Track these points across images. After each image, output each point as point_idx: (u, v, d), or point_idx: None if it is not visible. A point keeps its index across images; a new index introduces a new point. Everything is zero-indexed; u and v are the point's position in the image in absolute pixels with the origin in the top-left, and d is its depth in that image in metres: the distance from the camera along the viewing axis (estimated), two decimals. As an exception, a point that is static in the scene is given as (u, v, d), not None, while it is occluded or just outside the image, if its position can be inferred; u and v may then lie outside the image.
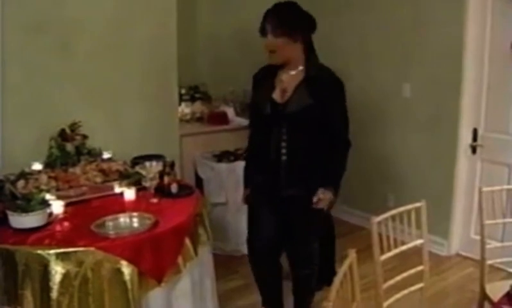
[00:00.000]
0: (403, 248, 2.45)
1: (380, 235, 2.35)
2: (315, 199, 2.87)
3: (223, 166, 4.41)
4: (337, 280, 1.72)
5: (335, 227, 3.93)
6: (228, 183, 4.36)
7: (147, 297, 2.29)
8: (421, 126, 4.56)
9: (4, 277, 2.15)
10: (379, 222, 2.33)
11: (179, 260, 2.39)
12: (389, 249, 2.39)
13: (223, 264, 3.70)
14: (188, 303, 2.52)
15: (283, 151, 2.91)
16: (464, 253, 4.46)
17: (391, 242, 2.40)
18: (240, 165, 4.41)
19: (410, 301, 2.52)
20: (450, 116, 4.29)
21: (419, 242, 2.52)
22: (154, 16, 3.82)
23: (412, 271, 2.52)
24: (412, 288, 2.51)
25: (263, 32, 2.84)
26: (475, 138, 4.29)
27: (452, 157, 4.34)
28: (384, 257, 2.37)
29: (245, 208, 4.52)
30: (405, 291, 2.48)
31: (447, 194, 4.38)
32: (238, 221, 4.43)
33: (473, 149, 4.30)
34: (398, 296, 2.46)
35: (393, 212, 2.40)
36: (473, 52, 4.17)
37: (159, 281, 2.29)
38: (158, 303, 2.34)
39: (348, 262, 1.87)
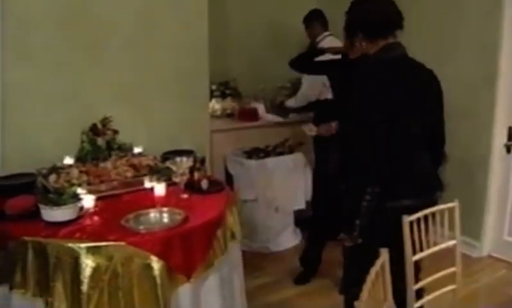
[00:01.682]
0: (435, 248, 2.41)
1: (412, 234, 2.31)
2: None
3: (253, 163, 4.40)
4: (368, 280, 1.69)
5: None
6: (258, 180, 4.36)
7: (176, 293, 2.29)
8: (453, 124, 4.45)
9: (37, 269, 2.18)
10: (411, 222, 2.29)
11: (209, 256, 2.39)
12: (421, 250, 2.35)
13: (250, 261, 3.69)
14: (217, 300, 2.51)
15: None
16: (496, 255, 4.38)
17: (423, 242, 2.36)
18: (271, 162, 4.42)
19: (442, 303, 2.48)
20: (484, 114, 4.20)
21: (451, 243, 2.47)
22: (185, 12, 3.82)
23: (444, 272, 2.47)
24: (444, 289, 2.46)
25: None
26: (510, 138, 4.19)
27: (486, 156, 4.26)
28: (415, 257, 2.33)
29: (274, 205, 4.52)
30: (437, 293, 2.44)
31: (480, 194, 4.30)
32: (268, 218, 4.43)
33: (508, 149, 4.21)
34: (429, 297, 2.42)
35: (426, 211, 2.36)
36: (509, 48, 4.07)
37: (188, 277, 2.29)
38: (187, 298, 2.33)
39: (380, 262, 1.84)
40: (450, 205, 2.45)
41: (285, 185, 4.50)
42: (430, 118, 2.53)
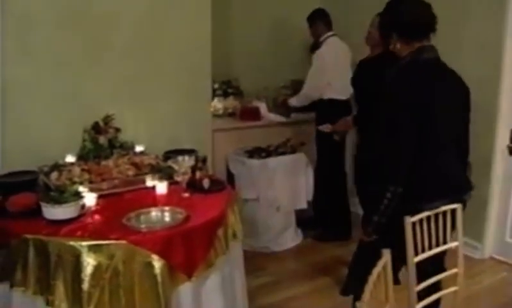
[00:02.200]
0: (437, 250, 2.40)
1: (414, 236, 2.30)
2: None
3: (255, 162, 4.39)
4: (370, 281, 1.68)
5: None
6: (260, 180, 4.35)
7: (177, 291, 2.29)
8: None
9: (38, 267, 2.17)
10: (414, 223, 2.28)
11: (210, 255, 2.39)
12: (423, 251, 2.34)
13: (251, 261, 3.68)
14: (219, 298, 2.51)
15: None
16: (498, 257, 4.36)
17: (425, 243, 2.35)
18: (272, 161, 4.41)
19: (444, 304, 2.48)
20: (487, 116, 4.16)
21: (454, 244, 2.46)
22: (188, 11, 3.82)
23: (446, 273, 2.47)
24: (446, 291, 2.45)
25: None
26: (512, 139, 4.18)
27: (488, 158, 4.23)
28: (417, 259, 2.32)
29: (275, 205, 4.49)
30: (439, 294, 2.43)
31: (482, 196, 4.26)
32: (269, 218, 4.42)
33: (510, 150, 4.19)
34: (431, 298, 2.41)
35: (428, 213, 2.35)
36: (512, 47, 4.05)
37: (189, 276, 2.29)
38: (188, 297, 2.33)
39: (382, 263, 1.83)
40: (452, 206, 2.44)
41: (286, 185, 4.49)
42: (458, 122, 2.56)
